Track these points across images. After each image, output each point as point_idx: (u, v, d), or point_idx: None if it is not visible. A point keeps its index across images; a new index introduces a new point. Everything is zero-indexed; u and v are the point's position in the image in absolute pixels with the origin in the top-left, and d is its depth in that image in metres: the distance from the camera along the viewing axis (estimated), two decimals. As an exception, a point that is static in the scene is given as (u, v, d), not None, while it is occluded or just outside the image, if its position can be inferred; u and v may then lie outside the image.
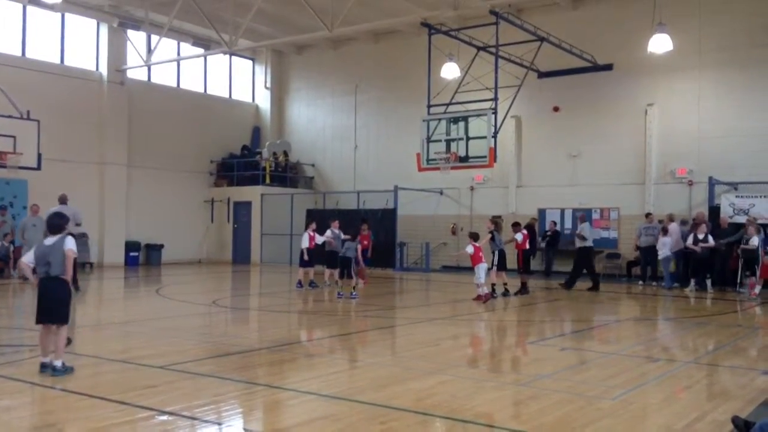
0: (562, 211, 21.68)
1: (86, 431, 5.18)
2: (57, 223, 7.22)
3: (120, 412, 5.61)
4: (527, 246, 16.05)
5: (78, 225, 14.70)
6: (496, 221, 15.59)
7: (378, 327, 11.35)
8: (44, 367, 6.97)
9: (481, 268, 14.25)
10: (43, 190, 20.55)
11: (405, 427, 5.35)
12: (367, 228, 17.48)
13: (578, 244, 17.30)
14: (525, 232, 15.93)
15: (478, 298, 14.21)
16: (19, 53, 21.69)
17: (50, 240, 7.06)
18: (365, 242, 17.10)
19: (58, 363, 6.96)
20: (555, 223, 21.28)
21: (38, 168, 18.36)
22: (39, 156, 18.21)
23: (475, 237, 14.45)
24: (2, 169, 18.20)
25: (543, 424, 5.41)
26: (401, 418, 5.54)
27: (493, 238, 15.02)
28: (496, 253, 15.09)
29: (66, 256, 6.95)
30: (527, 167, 22.61)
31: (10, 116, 17.96)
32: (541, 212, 21.98)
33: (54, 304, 7.00)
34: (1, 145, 17.75)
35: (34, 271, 7.17)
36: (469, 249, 14.32)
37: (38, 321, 7.09)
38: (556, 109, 22.04)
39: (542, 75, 21.23)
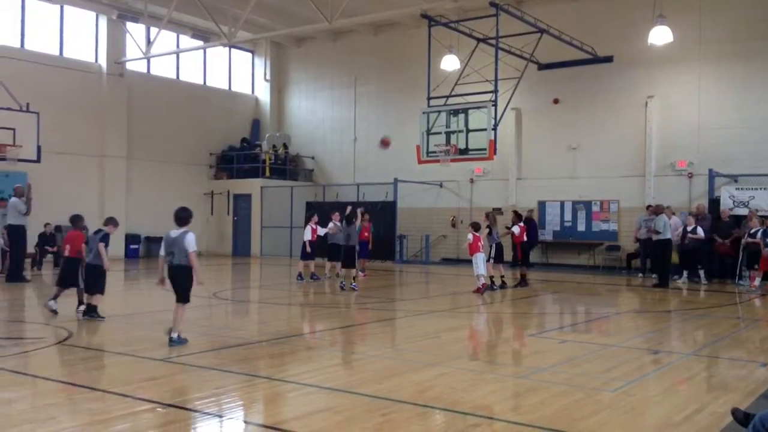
0: (562, 204, 21.69)
1: (88, 424, 5.20)
2: (182, 216, 8.28)
3: (121, 405, 5.63)
4: (525, 238, 16.06)
5: (24, 215, 15.84)
6: (490, 215, 15.52)
7: (378, 319, 11.37)
8: (173, 342, 8.03)
9: (480, 258, 14.29)
10: (43, 182, 20.56)
11: (405, 419, 5.36)
12: (368, 219, 17.48)
13: (655, 237, 16.23)
14: (522, 224, 15.95)
15: (478, 290, 14.24)
16: (18, 45, 21.63)
17: (175, 232, 8.14)
18: (366, 233, 17.11)
19: (174, 335, 8.01)
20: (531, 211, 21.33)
21: (38, 160, 18.35)
22: (39, 148, 18.20)
23: (476, 227, 14.48)
24: (2, 162, 18.23)
25: (542, 416, 5.43)
26: (401, 410, 5.56)
27: (490, 232, 15.01)
28: (494, 246, 15.10)
29: (189, 254, 8.08)
30: (527, 159, 22.60)
31: (9, 108, 17.94)
32: (541, 204, 22.00)
33: (176, 287, 8.16)
34: (0, 137, 17.75)
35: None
36: (469, 237, 14.43)
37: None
38: (556, 101, 22.02)
39: (542, 67, 21.18)
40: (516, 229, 15.66)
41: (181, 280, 8.16)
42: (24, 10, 21.89)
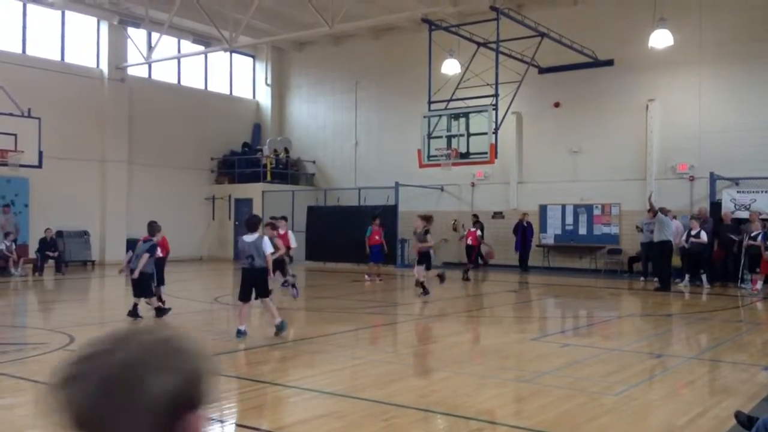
0: (564, 207, 21.67)
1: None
2: (254, 222, 9.33)
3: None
4: (476, 242, 17.00)
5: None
6: (427, 218, 15.01)
7: (379, 324, 11.36)
8: (240, 334, 8.86)
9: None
10: (45, 187, 20.60)
11: (408, 423, 5.36)
12: (378, 224, 17.54)
13: (656, 238, 16.06)
14: (473, 229, 16.22)
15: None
16: (19, 51, 21.65)
17: (249, 237, 9.09)
18: (377, 237, 17.18)
19: (277, 321, 9.11)
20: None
21: (39, 166, 18.38)
22: (40, 154, 18.24)
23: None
24: (3, 168, 18.25)
25: (545, 420, 5.42)
26: (404, 414, 5.55)
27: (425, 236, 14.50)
28: (427, 252, 14.54)
29: (266, 256, 9.07)
30: (528, 163, 22.60)
31: (10, 114, 17.98)
32: (543, 208, 21.99)
33: (257, 287, 9.22)
34: (2, 143, 17.79)
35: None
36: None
37: (241, 298, 9.23)
38: (557, 104, 22.03)
39: (543, 71, 21.20)
40: (474, 235, 15.94)
41: (262, 281, 9.24)
42: (25, 16, 21.93)
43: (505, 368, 7.89)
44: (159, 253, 11.65)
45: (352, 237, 21.85)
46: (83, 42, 23.43)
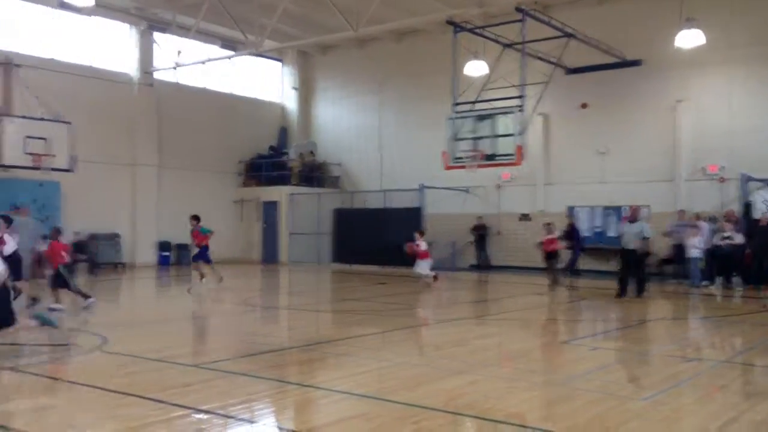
0: (592, 209, 21.47)
1: (124, 430, 5.29)
2: None
3: (157, 411, 5.72)
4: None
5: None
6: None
7: (406, 326, 11.37)
8: None
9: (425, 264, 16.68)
10: (75, 191, 20.95)
11: (437, 426, 5.37)
12: (420, 236, 17.43)
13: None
14: (554, 236, 16.30)
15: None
16: (50, 56, 22.00)
17: None
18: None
19: None
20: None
21: (71, 170, 18.73)
22: (72, 158, 18.59)
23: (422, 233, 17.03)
24: (36, 171, 18.62)
25: (575, 424, 5.39)
26: (433, 417, 5.56)
27: None
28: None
29: None
30: (555, 165, 22.45)
31: (42, 119, 18.37)
32: (570, 210, 21.78)
33: None
34: (34, 147, 18.18)
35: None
36: (423, 245, 16.40)
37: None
38: (584, 105, 21.85)
39: (570, 71, 21.06)
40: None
41: None
42: (55, 22, 22.29)
43: (535, 371, 7.85)
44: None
45: (379, 239, 21.90)
46: (112, 47, 23.79)
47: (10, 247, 11.04)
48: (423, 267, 16.91)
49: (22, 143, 17.93)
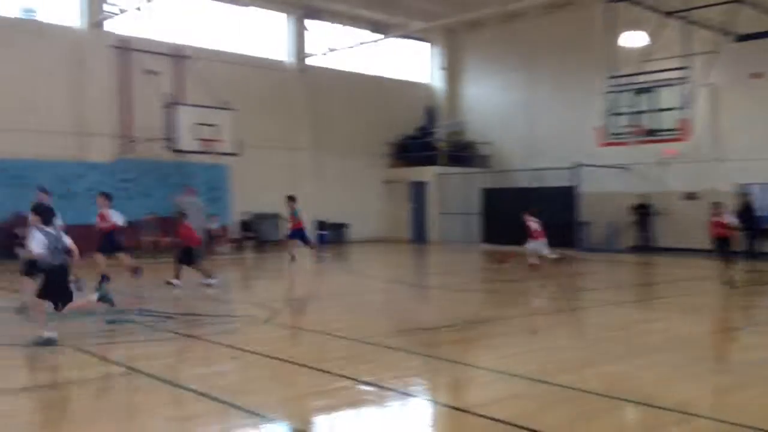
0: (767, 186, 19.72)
1: (293, 397, 5.64)
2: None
3: (324, 380, 6.06)
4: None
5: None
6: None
7: (564, 308, 11.13)
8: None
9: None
10: (241, 174, 22.40)
11: (598, 410, 5.26)
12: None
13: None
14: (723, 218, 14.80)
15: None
16: (216, 48, 23.44)
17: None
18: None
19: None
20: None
21: (238, 154, 20.15)
22: (240, 143, 20.01)
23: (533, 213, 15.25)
24: (206, 155, 20.25)
25: (750, 415, 5.05)
26: (594, 401, 5.44)
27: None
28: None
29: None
30: (724, 139, 20.79)
31: (211, 107, 19.84)
32: (743, 187, 20.12)
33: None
34: (204, 133, 19.74)
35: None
36: (534, 225, 14.91)
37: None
38: (757, 75, 20.01)
39: (740, 38, 19.35)
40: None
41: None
42: (218, 14, 23.65)
43: (704, 358, 7.42)
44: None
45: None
46: (269, 36, 25.01)
47: (118, 219, 11.57)
48: (538, 247, 15.28)
49: (193, 130, 19.50)
